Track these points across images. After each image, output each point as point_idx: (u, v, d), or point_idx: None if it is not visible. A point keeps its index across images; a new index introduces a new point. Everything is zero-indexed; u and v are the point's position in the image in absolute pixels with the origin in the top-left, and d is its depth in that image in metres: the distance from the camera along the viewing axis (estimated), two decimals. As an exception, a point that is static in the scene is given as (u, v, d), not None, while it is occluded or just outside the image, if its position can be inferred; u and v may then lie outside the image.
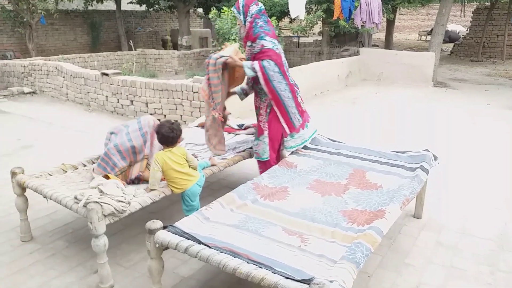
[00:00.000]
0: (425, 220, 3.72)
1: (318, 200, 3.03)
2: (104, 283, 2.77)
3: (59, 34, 17.02)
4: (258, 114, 3.88)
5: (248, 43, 3.67)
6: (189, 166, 3.19)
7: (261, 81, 3.58)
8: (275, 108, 3.69)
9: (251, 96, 3.98)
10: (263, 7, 3.70)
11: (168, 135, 3.06)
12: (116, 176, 3.23)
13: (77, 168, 3.58)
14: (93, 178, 3.16)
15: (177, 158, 3.10)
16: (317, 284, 1.89)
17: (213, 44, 12.44)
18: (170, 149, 3.11)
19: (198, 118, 5.83)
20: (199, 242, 2.31)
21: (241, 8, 3.64)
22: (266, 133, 3.77)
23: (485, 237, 3.44)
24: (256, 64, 3.56)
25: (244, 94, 4.01)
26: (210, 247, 2.26)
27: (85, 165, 3.64)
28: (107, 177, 3.17)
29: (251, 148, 4.02)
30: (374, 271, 2.97)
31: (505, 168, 4.96)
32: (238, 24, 3.78)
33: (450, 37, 21.35)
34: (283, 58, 3.70)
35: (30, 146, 5.87)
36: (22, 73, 9.93)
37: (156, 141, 3.34)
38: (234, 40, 9.82)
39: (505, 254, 3.19)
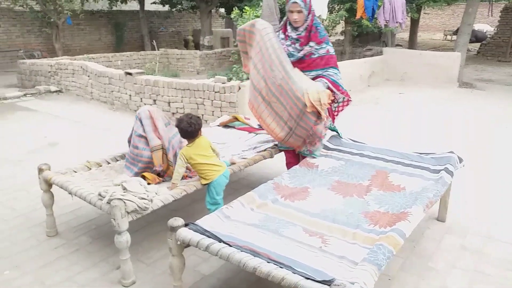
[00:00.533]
0: (449, 223, 3.64)
1: (339, 201, 3.01)
2: (126, 279, 2.82)
3: (85, 34, 17.41)
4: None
5: (312, 43, 3.50)
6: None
7: (333, 88, 3.60)
8: (343, 105, 3.83)
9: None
10: None
11: (187, 129, 3.11)
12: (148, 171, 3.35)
13: (101, 166, 3.65)
14: (119, 175, 3.22)
15: (202, 150, 3.16)
16: (338, 285, 1.87)
17: (235, 44, 12.49)
18: (193, 142, 3.15)
19: (219, 117, 5.86)
20: (220, 241, 2.32)
21: (308, 1, 3.42)
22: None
23: (511, 241, 3.34)
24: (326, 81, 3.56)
25: None
26: (231, 246, 2.27)
27: (109, 163, 3.71)
28: (143, 177, 3.24)
29: (272, 147, 4.01)
30: (396, 274, 2.93)
31: (534, 172, 4.82)
32: (296, 19, 3.44)
33: (476, 37, 20.81)
34: None
35: (56, 143, 6.02)
36: (49, 72, 10.18)
37: (161, 130, 3.41)
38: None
39: (533, 260, 3.09)
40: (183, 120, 3.12)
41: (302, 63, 3.55)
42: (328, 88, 3.53)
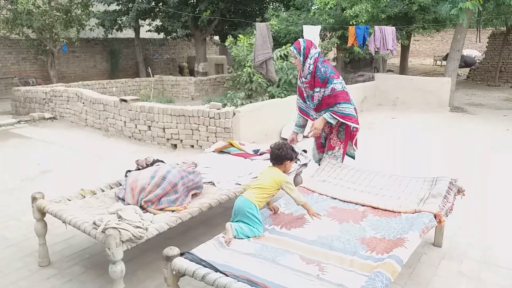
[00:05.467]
0: (446, 248, 3.63)
1: (335, 228, 3.00)
2: (120, 310, 2.76)
3: (80, 61, 17.58)
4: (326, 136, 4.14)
5: (317, 89, 3.82)
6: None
7: (343, 121, 3.88)
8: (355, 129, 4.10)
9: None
10: (319, 50, 3.93)
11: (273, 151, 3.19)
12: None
13: (95, 193, 3.62)
14: (114, 203, 3.19)
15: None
16: (337, 315, 1.85)
17: (229, 70, 12.65)
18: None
19: (214, 143, 5.88)
20: (217, 270, 2.29)
21: (302, 50, 3.78)
22: (337, 148, 4.10)
23: (509, 267, 3.33)
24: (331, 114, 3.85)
25: (303, 128, 4.29)
26: (228, 275, 2.24)
27: (103, 190, 3.69)
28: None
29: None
30: (394, 301, 2.90)
31: (527, 195, 4.85)
32: (295, 63, 3.90)
33: (466, 62, 21.30)
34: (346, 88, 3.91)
35: (50, 170, 5.98)
36: (44, 99, 10.21)
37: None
38: (250, 66, 9.97)
39: (530, 286, 3.08)
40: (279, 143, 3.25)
41: (318, 104, 3.90)
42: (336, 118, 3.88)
